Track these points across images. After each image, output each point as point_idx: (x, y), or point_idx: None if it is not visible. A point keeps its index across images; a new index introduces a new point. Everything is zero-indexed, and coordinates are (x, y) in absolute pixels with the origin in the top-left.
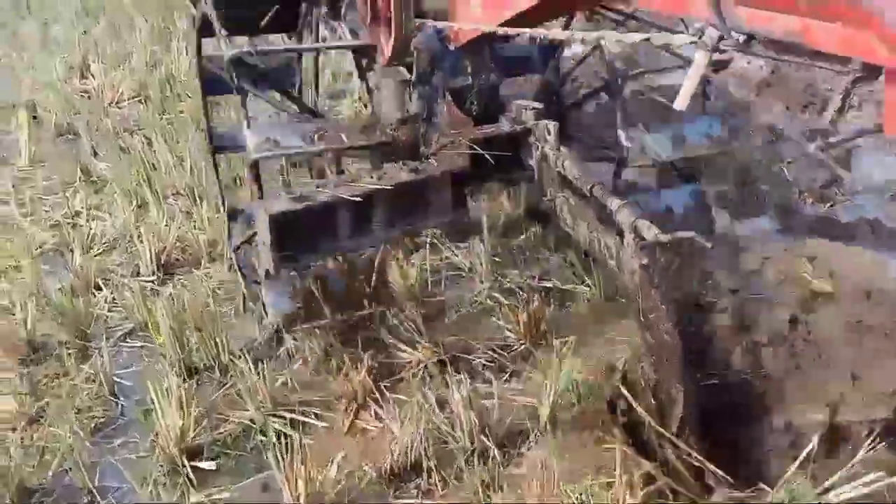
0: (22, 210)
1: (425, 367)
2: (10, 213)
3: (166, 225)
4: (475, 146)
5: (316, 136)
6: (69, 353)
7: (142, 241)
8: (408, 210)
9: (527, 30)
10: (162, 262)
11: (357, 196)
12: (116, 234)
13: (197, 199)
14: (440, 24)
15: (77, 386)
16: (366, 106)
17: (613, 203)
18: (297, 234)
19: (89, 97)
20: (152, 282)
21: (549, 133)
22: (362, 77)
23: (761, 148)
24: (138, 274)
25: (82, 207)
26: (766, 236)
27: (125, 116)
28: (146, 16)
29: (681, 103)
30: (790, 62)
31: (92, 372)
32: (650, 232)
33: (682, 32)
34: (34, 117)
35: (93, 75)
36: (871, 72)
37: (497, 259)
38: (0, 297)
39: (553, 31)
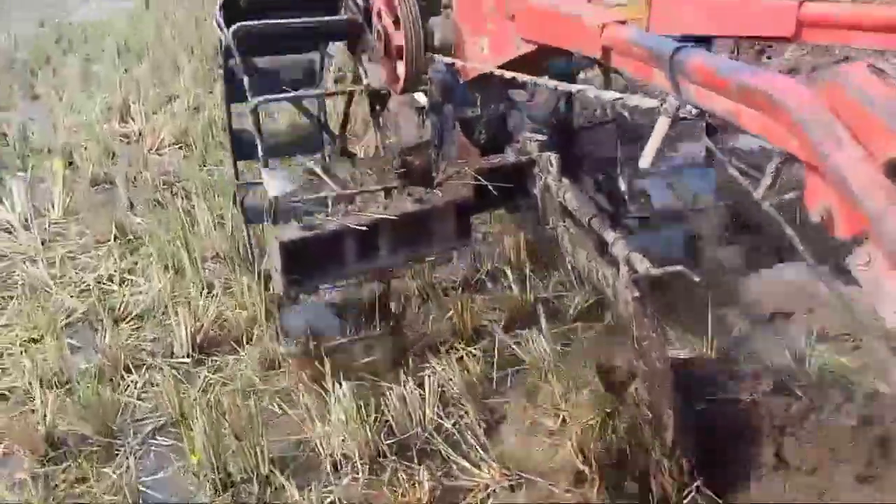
0: (51, 271)
1: (493, 491)
2: (38, 275)
3: (204, 300)
4: (480, 177)
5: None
6: (92, 452)
7: (177, 316)
8: (413, 238)
9: (519, 74)
10: (198, 341)
11: (363, 225)
12: (150, 304)
13: (236, 267)
14: (448, 60)
15: (98, 498)
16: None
17: (609, 236)
18: (306, 259)
19: (129, 142)
20: (187, 364)
21: (552, 164)
22: (374, 115)
23: None
24: (172, 354)
25: (115, 270)
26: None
27: (165, 165)
28: (190, 56)
29: (645, 162)
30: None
31: (116, 478)
32: (642, 265)
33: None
34: (70, 163)
35: (133, 118)
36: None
37: (567, 349)
38: (19, 377)
39: (540, 78)
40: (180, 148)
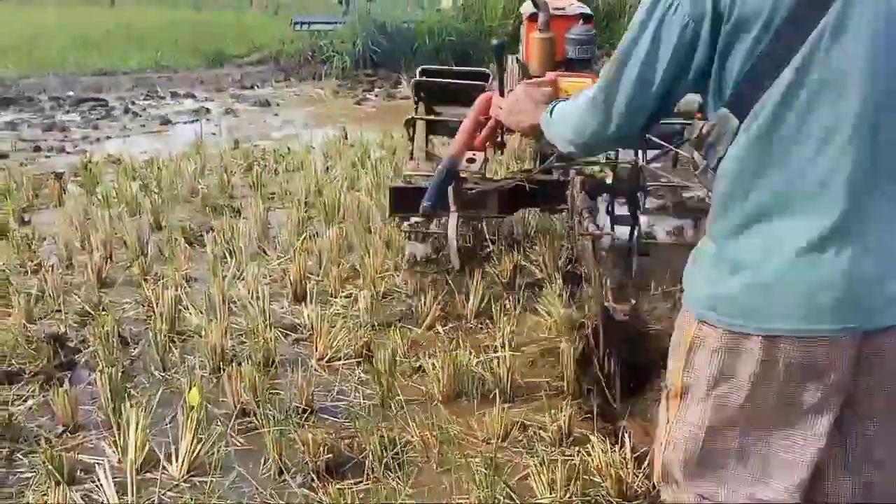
0: None
1: None
2: None
3: None
4: (526, 182)
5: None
6: None
7: None
8: (471, 203)
9: None
10: None
11: None
12: None
13: None
14: None
15: None
16: None
17: (586, 218)
18: (403, 199)
19: (296, 341)
20: None
21: (576, 182)
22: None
23: None
24: None
25: None
26: None
27: (335, 393)
28: (388, 223)
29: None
30: None
31: None
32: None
33: None
34: (218, 370)
35: (306, 303)
36: None
37: None
38: None
39: None
40: (359, 363)
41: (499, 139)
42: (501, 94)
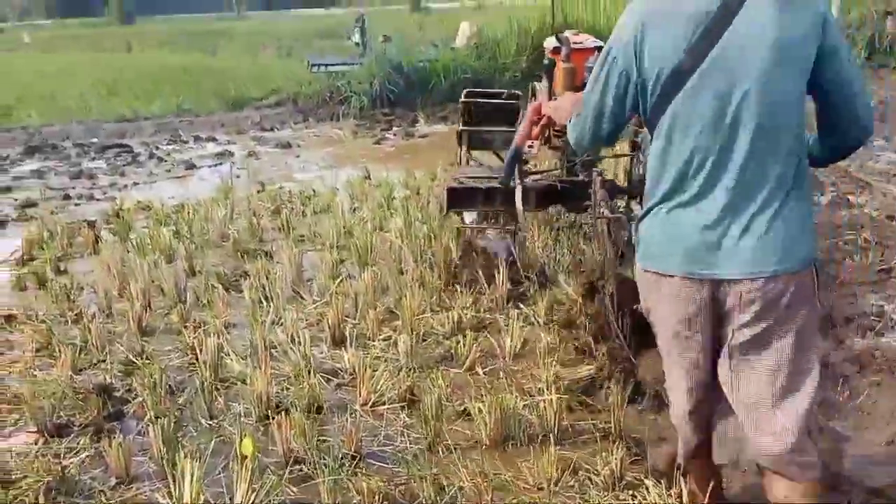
0: None
1: None
2: None
3: None
4: (558, 182)
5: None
6: None
7: None
8: (510, 200)
9: None
10: None
11: (485, 186)
12: None
13: None
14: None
15: None
16: None
17: (603, 207)
18: (457, 197)
19: (338, 385)
20: None
21: (597, 181)
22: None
23: None
24: None
25: None
26: None
27: (382, 437)
28: (418, 259)
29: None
30: None
31: None
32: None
33: None
34: (267, 418)
35: (346, 347)
36: None
37: None
38: None
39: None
40: (402, 407)
41: (546, 135)
42: (549, 99)
